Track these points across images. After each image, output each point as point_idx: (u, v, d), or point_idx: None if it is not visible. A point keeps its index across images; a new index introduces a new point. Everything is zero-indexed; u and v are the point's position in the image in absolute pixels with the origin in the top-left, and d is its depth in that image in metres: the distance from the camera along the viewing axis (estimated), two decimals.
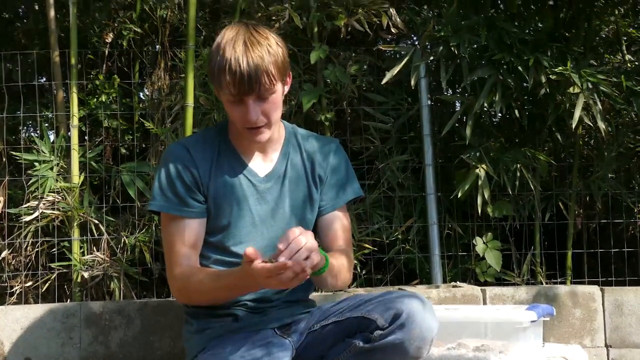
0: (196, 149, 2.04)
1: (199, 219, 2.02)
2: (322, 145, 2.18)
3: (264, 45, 1.91)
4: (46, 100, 3.63)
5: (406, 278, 3.43)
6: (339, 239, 2.11)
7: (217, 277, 1.88)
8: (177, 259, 1.99)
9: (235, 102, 1.93)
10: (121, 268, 3.18)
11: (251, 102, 1.91)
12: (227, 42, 1.91)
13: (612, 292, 3.09)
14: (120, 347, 2.77)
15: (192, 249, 2.01)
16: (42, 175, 3.18)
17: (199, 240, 2.03)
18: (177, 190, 2.00)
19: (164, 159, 2.06)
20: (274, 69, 1.90)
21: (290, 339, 2.03)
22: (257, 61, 1.87)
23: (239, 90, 1.89)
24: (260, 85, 1.89)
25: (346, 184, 2.16)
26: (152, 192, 2.04)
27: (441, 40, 3.23)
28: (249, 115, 1.92)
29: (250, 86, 1.88)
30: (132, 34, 3.53)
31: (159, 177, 2.03)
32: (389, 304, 1.85)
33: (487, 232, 3.40)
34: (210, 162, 2.04)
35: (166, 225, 2.04)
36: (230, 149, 2.08)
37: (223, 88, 1.92)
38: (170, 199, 2.01)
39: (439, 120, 3.53)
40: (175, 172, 2.01)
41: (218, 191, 2.04)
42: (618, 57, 3.70)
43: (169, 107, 3.46)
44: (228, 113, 2.00)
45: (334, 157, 2.17)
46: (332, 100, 3.45)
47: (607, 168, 3.56)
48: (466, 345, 2.30)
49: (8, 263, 3.26)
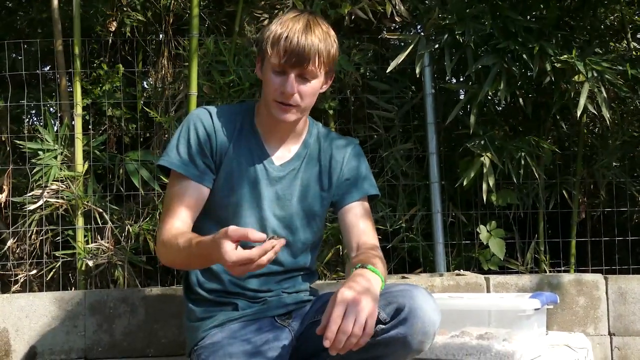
0: (219, 118, 2.06)
1: (204, 186, 2.03)
2: (341, 144, 2.19)
3: (324, 31, 1.98)
4: (50, 89, 3.63)
5: (410, 266, 3.43)
6: (360, 233, 2.09)
7: (189, 242, 1.85)
8: (170, 217, 1.99)
9: (279, 73, 1.96)
10: (125, 256, 3.19)
11: (292, 75, 1.95)
12: (290, 18, 1.97)
13: (616, 280, 3.09)
14: (124, 335, 2.78)
15: (189, 210, 2.00)
16: (46, 164, 3.18)
17: (198, 205, 2.02)
18: (190, 152, 2.02)
19: (187, 119, 2.07)
20: (325, 55, 1.96)
21: (290, 327, 2.03)
22: (314, 40, 1.94)
23: (288, 59, 1.92)
24: (310, 61, 1.93)
25: (364, 181, 2.17)
26: (167, 147, 2.05)
27: (446, 28, 3.22)
28: (287, 86, 1.94)
29: (301, 59, 1.92)
30: (135, 22, 3.52)
31: (179, 135, 2.04)
32: (390, 298, 1.84)
33: (491, 220, 3.40)
34: (230, 136, 2.05)
35: (172, 181, 2.04)
36: (253, 130, 2.09)
37: (272, 55, 1.95)
38: (182, 158, 2.02)
39: (443, 108, 3.52)
40: (195, 135, 2.03)
41: (231, 167, 2.04)
42: (623, 45, 3.69)
43: (172, 96, 3.46)
44: (265, 85, 2.01)
45: (352, 156, 2.18)
46: (336, 89, 3.45)
47: (612, 156, 3.56)
48: (470, 333, 2.30)
49: (12, 251, 3.27)
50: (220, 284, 2.06)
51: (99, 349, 2.77)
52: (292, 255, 2.10)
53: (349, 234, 2.11)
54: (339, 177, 2.15)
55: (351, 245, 2.09)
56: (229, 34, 3.50)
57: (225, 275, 2.05)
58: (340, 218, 2.16)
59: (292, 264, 2.10)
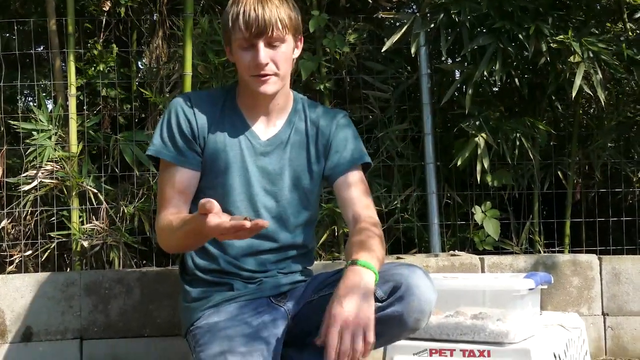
0: (199, 102, 2.08)
1: (193, 170, 2.04)
2: (329, 116, 2.18)
3: None
4: (44, 69, 3.61)
5: (405, 247, 3.44)
6: (355, 204, 2.08)
7: (182, 222, 1.88)
8: (164, 203, 2.02)
9: (246, 48, 1.98)
10: (120, 237, 3.19)
11: (261, 45, 1.96)
12: None
13: (610, 260, 3.11)
14: (119, 316, 2.79)
15: (181, 195, 2.03)
16: (41, 144, 3.17)
17: (189, 189, 2.04)
18: (175, 139, 2.04)
19: (168, 107, 2.09)
20: (287, 18, 1.98)
21: (286, 307, 2.03)
22: (271, 7, 1.96)
23: (251, 32, 1.94)
24: (273, 27, 1.94)
25: (354, 151, 2.15)
26: (152, 137, 2.08)
27: (441, 7, 3.20)
28: (259, 57, 1.96)
29: (263, 27, 1.94)
30: (130, 2, 3.50)
31: (161, 124, 2.07)
32: (387, 277, 1.84)
33: (486, 201, 3.40)
34: (212, 117, 2.06)
35: (161, 170, 2.07)
36: (235, 109, 2.09)
37: (235, 33, 1.97)
38: (167, 146, 2.04)
39: (438, 89, 3.51)
40: (176, 121, 2.05)
41: (216, 148, 2.05)
42: (619, 26, 3.67)
43: (167, 76, 3.45)
44: (238, 64, 2.03)
45: (340, 127, 2.16)
46: (331, 69, 3.44)
47: (607, 137, 3.56)
48: (464, 313, 2.31)
49: (7, 232, 3.26)
50: (216, 264, 2.06)
51: (94, 329, 2.78)
52: (287, 231, 2.10)
53: (345, 206, 2.10)
54: (328, 150, 2.13)
55: (348, 218, 2.08)
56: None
57: (221, 255, 2.05)
58: (335, 192, 2.15)
59: (287, 241, 2.10)
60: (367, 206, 2.09)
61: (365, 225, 2.00)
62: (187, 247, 2.05)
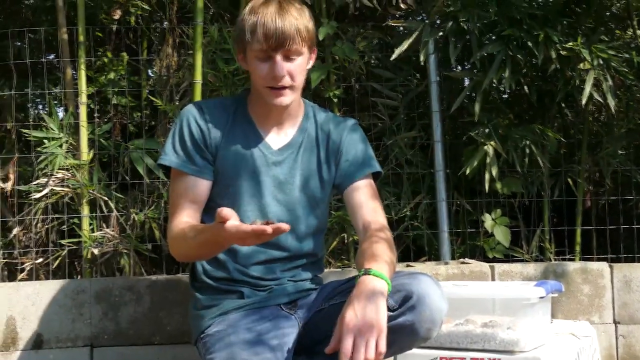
0: (211, 111, 2.08)
1: (205, 179, 2.05)
2: (339, 124, 2.18)
3: (298, 8, 2.00)
4: (54, 78, 3.63)
5: (414, 255, 3.44)
6: (365, 213, 2.08)
7: (196, 232, 1.89)
8: (175, 212, 2.03)
9: (263, 59, 1.98)
10: (131, 244, 3.20)
11: (279, 58, 1.96)
12: (261, 4, 1.99)
13: (621, 268, 3.09)
14: (130, 324, 2.79)
15: (193, 205, 2.04)
16: (51, 152, 3.18)
17: (201, 199, 2.05)
18: (186, 148, 2.05)
19: (180, 116, 2.10)
20: (305, 31, 1.98)
21: (296, 315, 2.04)
22: (290, 19, 1.95)
23: (269, 44, 1.94)
24: (291, 41, 1.95)
25: (364, 159, 2.16)
26: (164, 145, 2.09)
27: (450, 15, 3.20)
28: (276, 69, 1.96)
29: (282, 40, 1.94)
30: (140, 10, 3.52)
31: (173, 133, 2.08)
32: (398, 286, 1.84)
33: (496, 208, 3.39)
34: (224, 126, 2.07)
35: (173, 179, 2.08)
36: (246, 118, 2.10)
37: (253, 44, 1.96)
38: (179, 155, 2.05)
39: (447, 96, 3.51)
40: (188, 130, 2.06)
41: (228, 157, 2.06)
42: (629, 33, 3.67)
43: (177, 84, 3.46)
44: (253, 74, 2.03)
45: (350, 135, 2.17)
46: (340, 77, 3.44)
47: (617, 144, 3.55)
48: (474, 322, 2.30)
49: (19, 240, 3.28)
50: (226, 272, 2.07)
51: (104, 337, 2.78)
52: (296, 240, 2.10)
53: (355, 215, 2.10)
54: (339, 158, 2.14)
55: (358, 227, 2.09)
56: (234, 21, 3.49)
57: (231, 263, 2.06)
58: (345, 200, 2.15)
59: (296, 250, 2.11)
60: (377, 213, 2.10)
61: (375, 233, 2.01)
62: (201, 257, 2.05)
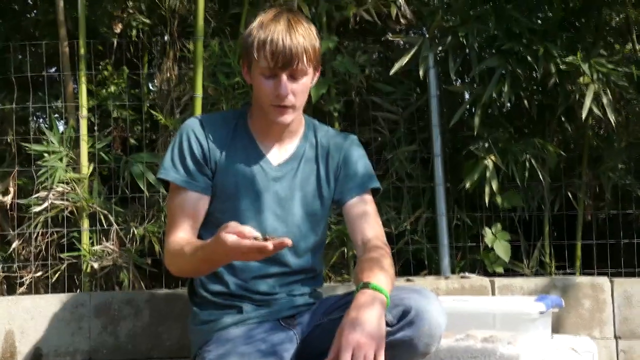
0: (211, 125, 2.08)
1: (203, 194, 2.04)
2: (339, 139, 2.19)
3: (306, 27, 1.98)
4: (55, 91, 3.63)
5: (415, 268, 3.43)
6: (364, 229, 2.08)
7: (195, 249, 1.89)
8: (174, 229, 2.02)
9: (269, 77, 1.97)
10: (130, 258, 3.19)
11: (284, 77, 1.95)
12: (270, 20, 1.97)
13: (622, 283, 3.08)
14: (129, 338, 2.78)
15: (191, 220, 2.03)
16: (52, 165, 3.18)
17: (200, 214, 2.05)
18: (186, 162, 2.04)
19: (180, 130, 2.10)
20: (312, 51, 1.97)
21: (295, 330, 2.03)
22: (299, 38, 1.94)
23: (276, 62, 1.93)
24: (299, 61, 1.94)
25: (363, 175, 2.16)
26: (163, 159, 2.08)
27: (450, 30, 3.22)
28: (281, 88, 1.95)
29: (290, 60, 1.93)
30: (141, 24, 3.53)
31: (172, 147, 2.07)
32: (397, 301, 1.84)
33: (496, 222, 3.39)
34: (224, 141, 2.07)
35: (171, 193, 2.07)
36: (247, 133, 2.10)
37: (260, 60, 1.95)
38: (178, 170, 2.04)
39: (447, 110, 3.52)
40: (187, 145, 2.05)
41: (228, 172, 2.05)
42: (628, 47, 3.68)
43: (177, 98, 3.46)
44: (257, 90, 2.02)
45: (350, 151, 2.17)
46: (340, 91, 3.45)
47: (617, 158, 3.55)
48: (474, 337, 2.29)
49: (18, 253, 3.28)
50: (225, 286, 2.06)
51: (103, 351, 2.77)
52: (296, 256, 2.10)
53: (353, 230, 2.10)
54: (339, 174, 2.14)
55: (357, 243, 2.08)
56: (234, 36, 3.50)
57: (230, 278, 2.05)
58: (344, 215, 2.15)
59: (296, 266, 2.10)
60: (376, 229, 2.10)
61: (374, 248, 2.01)
62: (198, 273, 2.05)
